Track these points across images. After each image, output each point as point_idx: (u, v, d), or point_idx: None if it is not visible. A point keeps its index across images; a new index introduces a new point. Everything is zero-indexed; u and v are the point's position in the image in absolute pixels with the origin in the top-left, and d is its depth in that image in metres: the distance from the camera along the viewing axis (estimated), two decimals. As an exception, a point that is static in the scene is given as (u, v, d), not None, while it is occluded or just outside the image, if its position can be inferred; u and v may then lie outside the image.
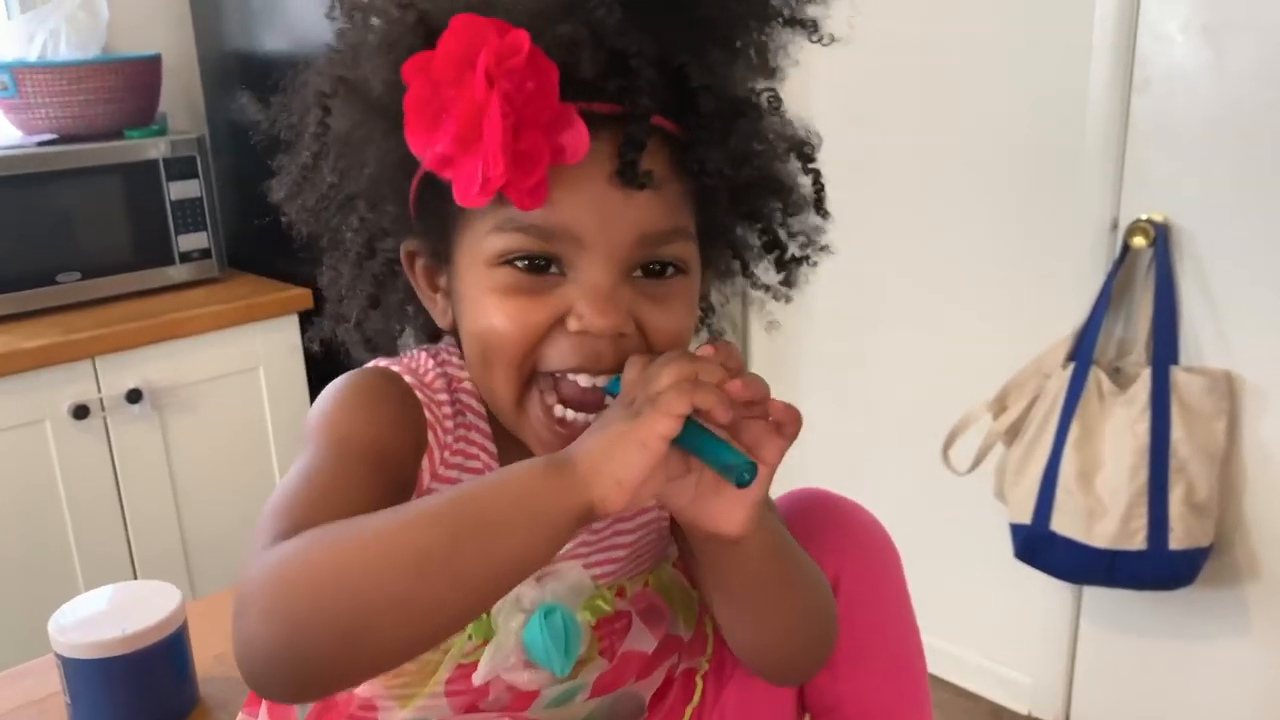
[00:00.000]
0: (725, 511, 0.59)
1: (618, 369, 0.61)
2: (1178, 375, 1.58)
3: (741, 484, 0.57)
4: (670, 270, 0.63)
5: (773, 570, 0.65)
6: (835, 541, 0.74)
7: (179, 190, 1.89)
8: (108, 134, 1.92)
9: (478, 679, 0.69)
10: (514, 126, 0.54)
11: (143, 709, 0.82)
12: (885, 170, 1.99)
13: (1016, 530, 1.73)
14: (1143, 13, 1.59)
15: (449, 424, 0.67)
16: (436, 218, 0.64)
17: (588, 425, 0.59)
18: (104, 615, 0.83)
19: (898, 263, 2.02)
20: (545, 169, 0.55)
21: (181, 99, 2.18)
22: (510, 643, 0.68)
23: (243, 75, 2.09)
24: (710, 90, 0.60)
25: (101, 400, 1.73)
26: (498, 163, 0.54)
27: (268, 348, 1.88)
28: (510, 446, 0.69)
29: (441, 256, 0.66)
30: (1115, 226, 1.68)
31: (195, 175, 1.91)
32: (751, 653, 0.71)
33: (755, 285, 0.75)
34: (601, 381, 0.62)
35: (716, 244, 0.69)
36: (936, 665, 2.07)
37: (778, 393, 0.61)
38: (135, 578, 1.81)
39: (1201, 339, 1.62)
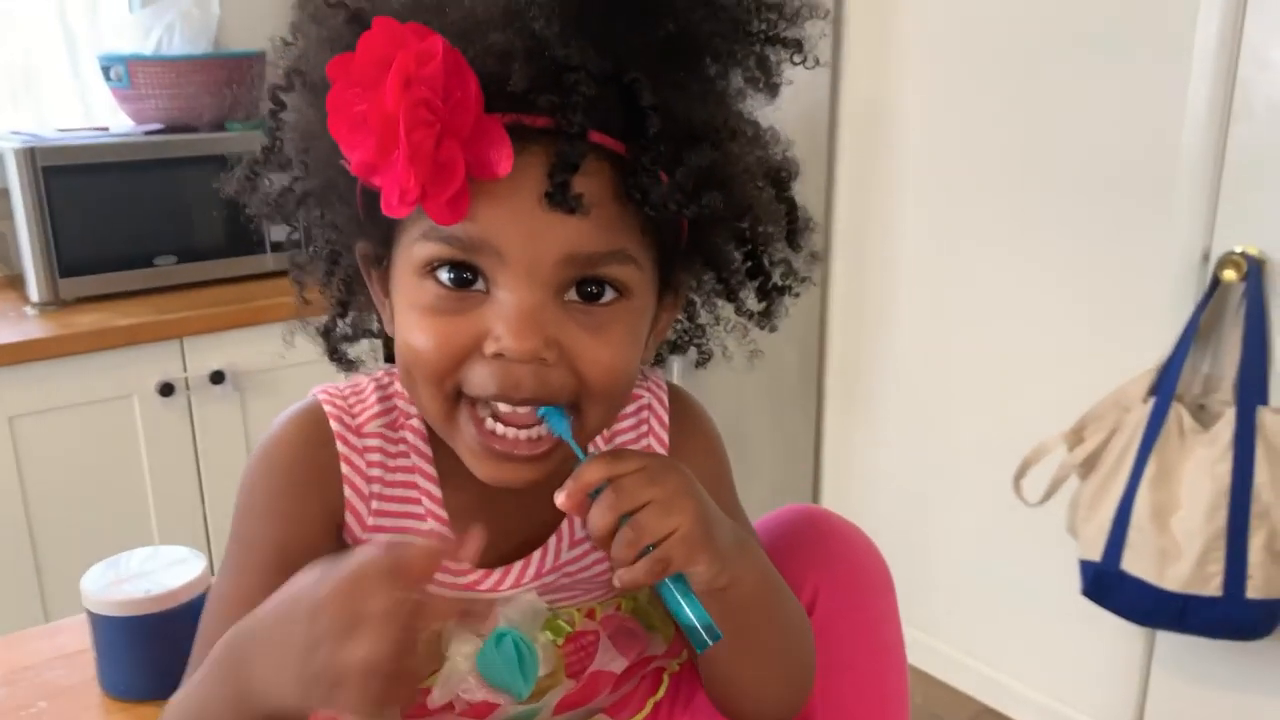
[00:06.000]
0: None
1: (540, 400, 0.58)
2: (1265, 416, 1.51)
3: (701, 649, 0.57)
4: (609, 294, 0.59)
5: (755, 614, 0.64)
6: (816, 558, 0.73)
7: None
8: (211, 125, 2.01)
9: (434, 702, 0.69)
10: (437, 136, 0.52)
11: (162, 667, 0.85)
12: (974, 188, 1.96)
13: (1086, 567, 1.67)
14: (1246, 38, 1.53)
15: (375, 473, 0.67)
16: (380, 220, 0.60)
17: (518, 441, 0.59)
18: (132, 576, 0.87)
19: (980, 283, 1.98)
20: (463, 183, 0.53)
21: (285, 95, 2.26)
22: (464, 668, 0.68)
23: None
24: (660, 111, 0.55)
25: (187, 380, 1.80)
26: (409, 175, 0.52)
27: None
28: (459, 488, 0.66)
29: (385, 262, 0.64)
30: (1206, 258, 1.62)
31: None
32: (724, 695, 0.70)
33: (739, 311, 0.70)
34: (525, 411, 0.59)
35: (690, 264, 0.66)
36: (999, 701, 2.04)
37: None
38: (209, 549, 1.88)
39: (1294, 380, 1.55)
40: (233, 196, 0.69)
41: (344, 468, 0.66)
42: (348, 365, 0.74)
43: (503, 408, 0.59)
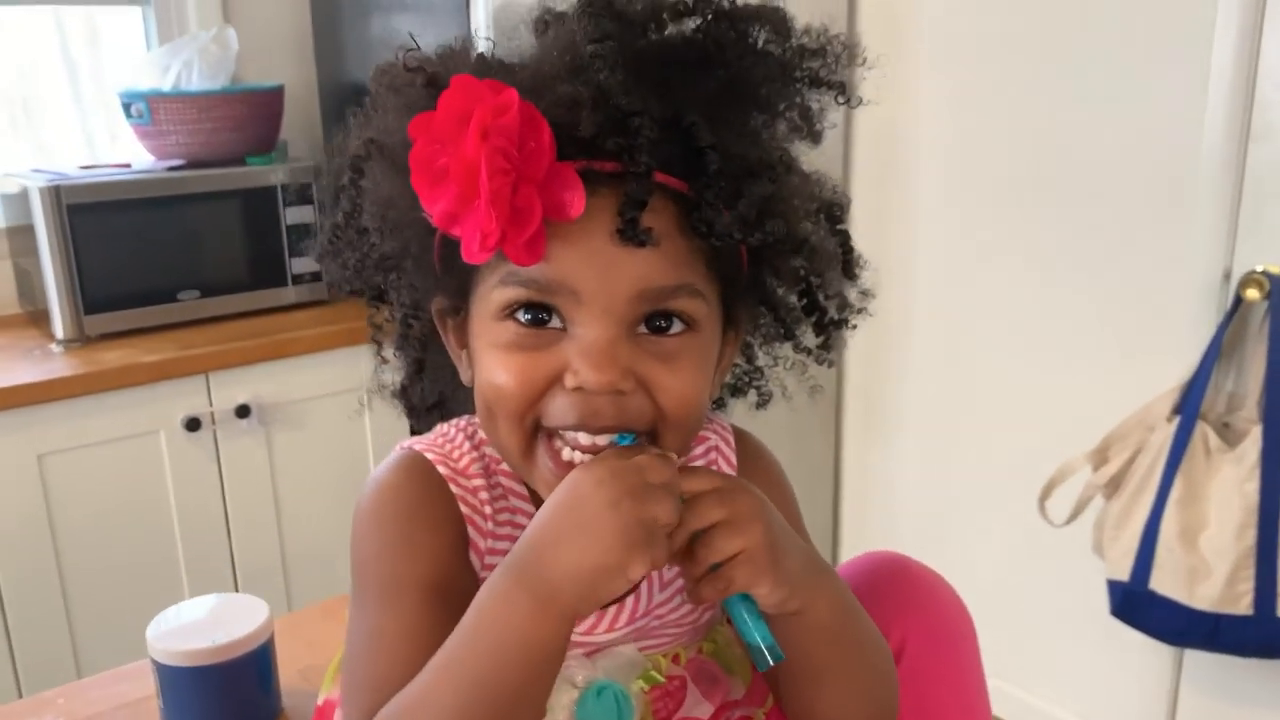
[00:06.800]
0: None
1: (619, 427, 0.61)
2: (1291, 434, 1.52)
3: (762, 669, 0.59)
4: (677, 326, 0.62)
5: (832, 641, 0.65)
6: (902, 606, 0.73)
7: (294, 215, 1.97)
8: (231, 160, 2.02)
9: None
10: (513, 183, 0.56)
11: (228, 716, 0.86)
12: (990, 209, 1.97)
13: (1114, 587, 1.67)
14: (1263, 58, 1.54)
15: (488, 510, 0.69)
16: (456, 273, 0.64)
17: None
18: (197, 625, 0.87)
19: (1000, 305, 1.98)
20: (539, 225, 0.56)
21: (302, 127, 2.27)
22: (562, 718, 0.68)
23: (360, 105, 2.17)
24: (718, 150, 0.59)
25: (213, 414, 1.80)
26: (490, 218, 0.55)
27: (371, 369, 1.94)
28: None
29: (462, 312, 0.67)
30: (1228, 277, 1.63)
31: (310, 201, 1.99)
32: None
33: (798, 349, 0.74)
34: (603, 440, 0.61)
35: (749, 303, 0.68)
36: (1031, 723, 2.04)
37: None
38: (236, 584, 1.88)
39: (1319, 397, 1.56)
40: (316, 261, 0.73)
41: (463, 508, 0.68)
42: (425, 422, 0.77)
43: (582, 438, 0.61)
